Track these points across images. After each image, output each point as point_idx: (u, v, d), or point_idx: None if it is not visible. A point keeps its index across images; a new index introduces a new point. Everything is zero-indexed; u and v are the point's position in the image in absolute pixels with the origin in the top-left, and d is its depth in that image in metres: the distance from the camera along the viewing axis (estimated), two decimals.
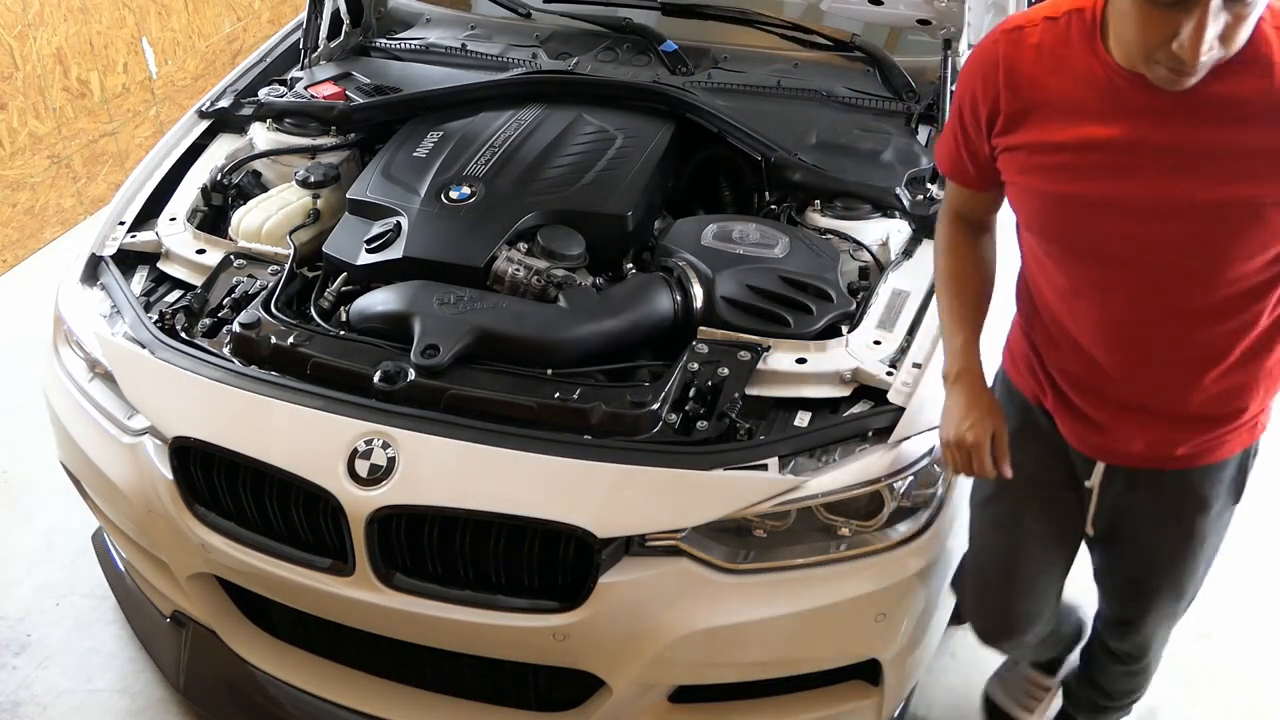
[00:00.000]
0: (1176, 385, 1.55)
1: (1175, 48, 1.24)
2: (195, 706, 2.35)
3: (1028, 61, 1.45)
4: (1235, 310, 1.45)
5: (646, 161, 2.32)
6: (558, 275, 2.09)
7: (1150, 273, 1.45)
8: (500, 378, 1.91)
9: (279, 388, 1.93)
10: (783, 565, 1.81)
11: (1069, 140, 1.42)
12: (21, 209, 3.95)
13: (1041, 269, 1.60)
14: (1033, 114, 1.45)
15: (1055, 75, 1.43)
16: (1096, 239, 1.46)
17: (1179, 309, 1.47)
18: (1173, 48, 1.24)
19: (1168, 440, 1.61)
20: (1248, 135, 1.33)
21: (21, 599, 2.68)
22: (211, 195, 2.43)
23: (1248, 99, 1.32)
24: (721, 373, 1.91)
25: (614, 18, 2.80)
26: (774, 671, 1.91)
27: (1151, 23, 1.25)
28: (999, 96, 1.48)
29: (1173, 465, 1.64)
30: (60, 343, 2.24)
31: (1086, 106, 1.40)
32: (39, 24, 3.83)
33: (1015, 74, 1.45)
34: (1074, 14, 1.42)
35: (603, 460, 1.79)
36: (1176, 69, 1.27)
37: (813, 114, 2.49)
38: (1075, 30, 1.41)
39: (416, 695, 2.07)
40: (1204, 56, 1.24)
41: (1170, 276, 1.44)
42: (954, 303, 1.73)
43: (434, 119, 2.48)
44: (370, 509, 1.80)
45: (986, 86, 1.49)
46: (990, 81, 1.48)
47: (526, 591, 1.84)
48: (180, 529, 1.99)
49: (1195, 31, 1.22)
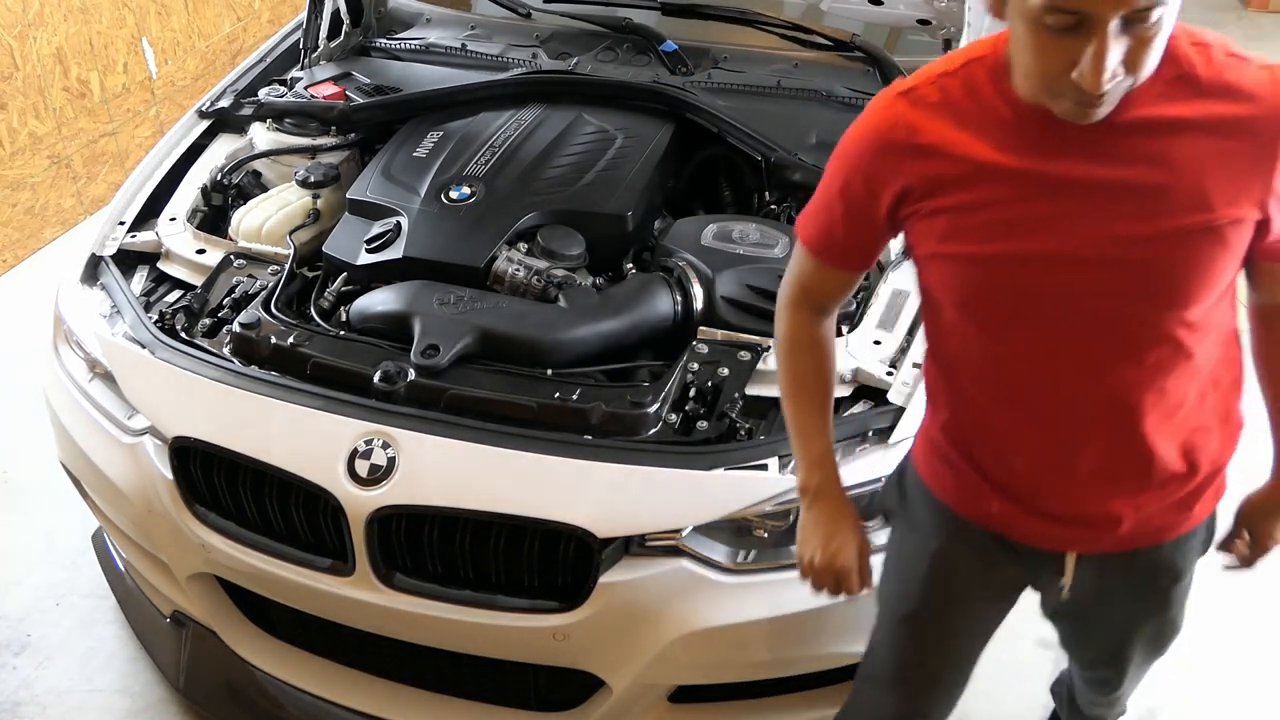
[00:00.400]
0: (1145, 445, 1.37)
1: (1075, 77, 1.14)
2: (195, 706, 2.35)
3: (932, 121, 1.30)
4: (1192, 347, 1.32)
5: (646, 161, 2.32)
6: (558, 275, 2.09)
7: (1104, 324, 1.30)
8: (500, 378, 1.91)
9: (279, 388, 1.93)
10: (783, 565, 1.80)
11: (995, 195, 1.28)
12: (21, 209, 3.95)
13: (968, 355, 1.41)
14: (947, 175, 1.30)
15: (966, 130, 1.29)
16: (1042, 299, 1.30)
17: (1139, 359, 1.31)
18: (1073, 77, 1.14)
19: (1149, 510, 1.44)
20: (1190, 157, 1.23)
21: (21, 599, 2.68)
22: (211, 195, 2.44)
23: (1183, 119, 1.23)
24: (721, 373, 1.91)
25: (614, 18, 2.80)
26: (774, 671, 1.91)
27: (1049, 51, 1.15)
28: (904, 166, 1.32)
29: (1149, 541, 1.48)
30: (60, 343, 2.24)
31: (1009, 156, 1.27)
32: (39, 24, 3.83)
33: (919, 136, 1.30)
34: (973, 63, 1.30)
35: (603, 460, 1.79)
36: (1081, 100, 1.17)
37: (813, 114, 2.49)
38: (980, 79, 1.29)
39: (416, 695, 2.07)
40: (1108, 84, 1.14)
41: (1125, 324, 1.30)
42: (805, 408, 1.54)
43: (434, 119, 2.48)
44: (370, 509, 1.80)
45: (886, 157, 1.33)
46: (891, 151, 1.33)
47: (526, 591, 1.84)
48: (180, 529, 1.99)
49: (1095, 58, 1.12)
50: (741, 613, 1.79)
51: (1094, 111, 1.19)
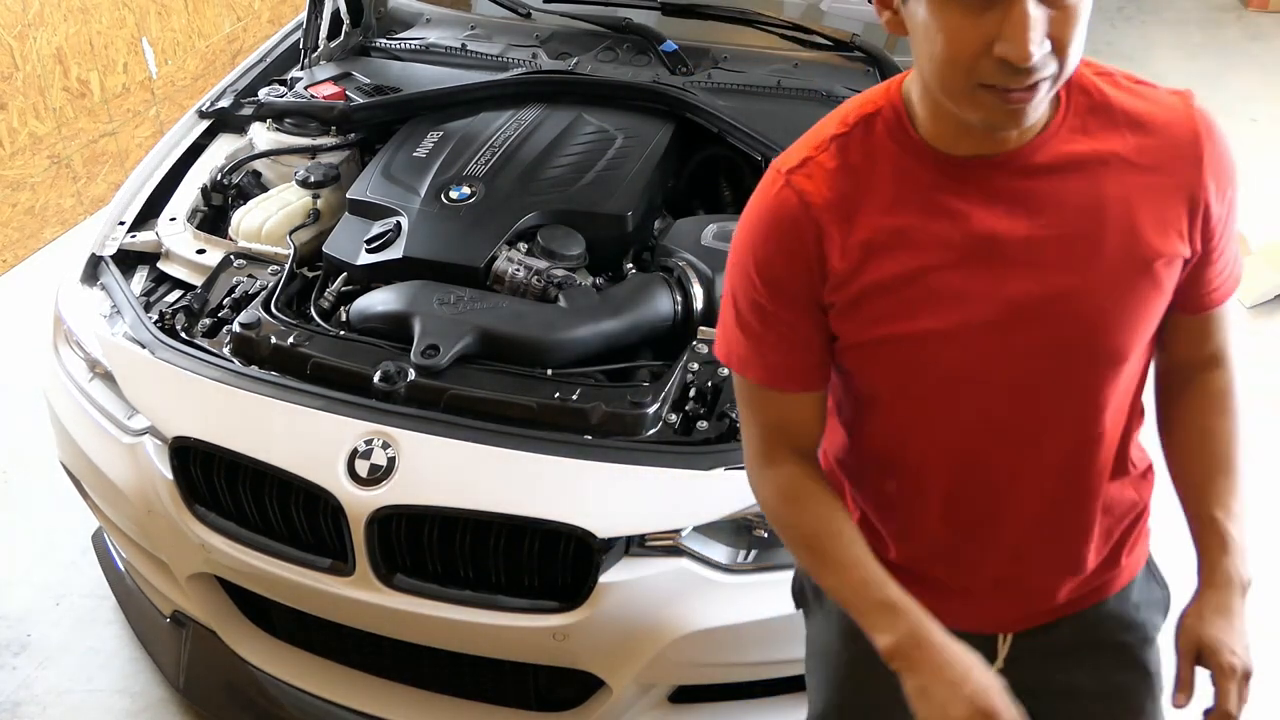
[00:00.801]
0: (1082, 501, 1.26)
1: (999, 50, 1.00)
2: (195, 706, 2.35)
3: (833, 191, 1.15)
4: (1124, 396, 1.23)
5: (646, 161, 2.32)
6: (558, 275, 2.09)
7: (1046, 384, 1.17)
8: (500, 378, 1.91)
9: (279, 388, 1.93)
10: (783, 565, 1.81)
11: (921, 262, 1.13)
12: (21, 209, 3.95)
13: (889, 439, 1.26)
14: (860, 250, 1.14)
15: (873, 193, 1.14)
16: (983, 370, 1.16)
17: (1079, 414, 1.20)
18: (996, 51, 1.00)
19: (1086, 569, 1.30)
20: (1117, 194, 1.12)
21: (21, 599, 2.68)
22: (211, 195, 2.44)
23: (1105, 153, 1.13)
24: (722, 373, 1.91)
25: (614, 18, 2.79)
26: (774, 671, 1.91)
27: (964, 30, 1.01)
28: (816, 249, 1.15)
29: (1092, 600, 1.34)
30: (60, 343, 2.24)
31: (925, 216, 1.13)
32: (39, 24, 3.83)
33: (825, 212, 1.15)
34: (866, 119, 1.17)
35: (603, 460, 1.79)
36: (1008, 80, 1.01)
37: (813, 114, 2.44)
38: (878, 134, 1.16)
39: (416, 695, 2.07)
40: (1036, 54, 1.00)
41: (1066, 382, 1.18)
42: (840, 560, 1.24)
43: (434, 119, 2.48)
44: (370, 509, 1.80)
45: (794, 243, 1.16)
46: (797, 235, 1.15)
47: (526, 591, 1.84)
48: (180, 529, 1.99)
49: (1019, 19, 0.98)
50: (741, 613, 1.79)
51: (1022, 110, 1.05)
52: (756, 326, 1.21)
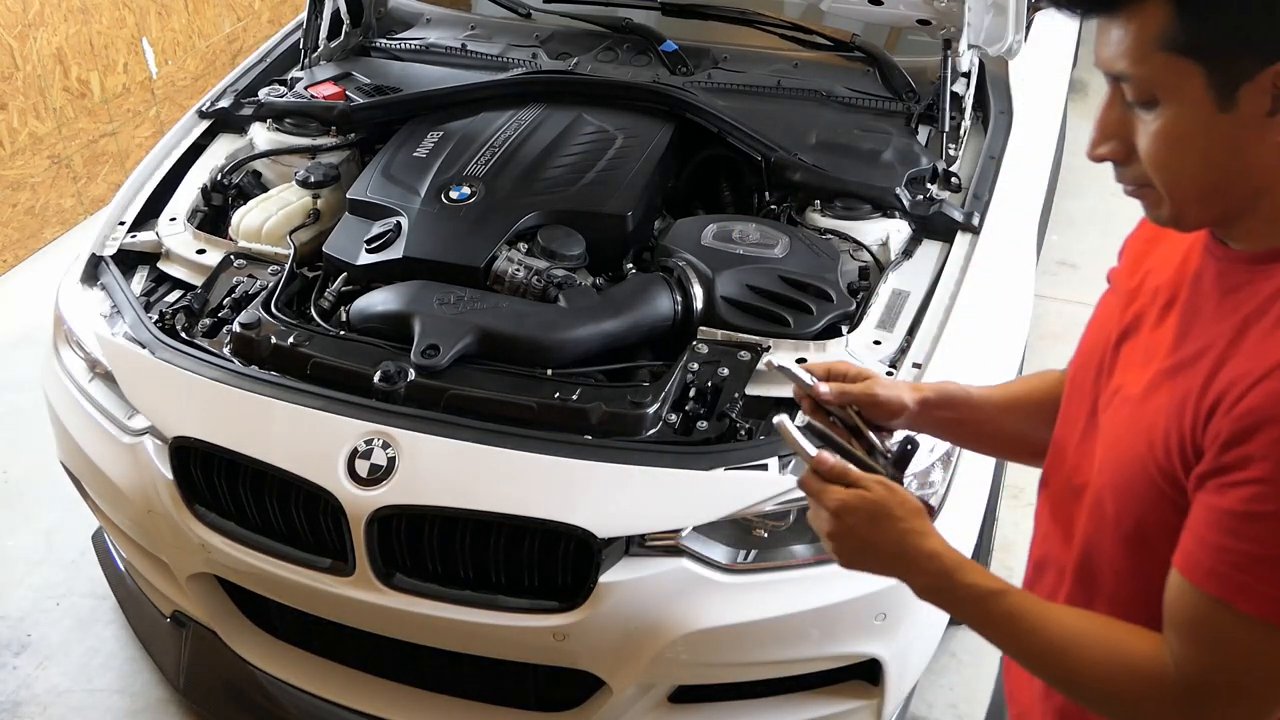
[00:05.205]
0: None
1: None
2: (195, 706, 2.35)
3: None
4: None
5: (646, 161, 2.32)
6: (558, 275, 2.09)
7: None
8: (500, 378, 1.91)
9: (279, 388, 1.93)
10: (783, 565, 1.81)
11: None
12: (21, 209, 3.95)
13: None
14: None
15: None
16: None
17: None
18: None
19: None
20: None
21: (21, 599, 2.68)
22: (211, 195, 2.44)
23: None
24: (721, 373, 1.91)
25: (614, 18, 2.80)
26: (774, 671, 1.91)
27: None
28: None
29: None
30: (60, 343, 2.24)
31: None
32: (39, 24, 3.83)
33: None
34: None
35: (603, 460, 1.79)
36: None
37: (813, 114, 2.49)
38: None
39: (416, 695, 2.07)
40: (1092, 151, 0.98)
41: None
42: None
43: (434, 119, 2.48)
44: (370, 509, 1.79)
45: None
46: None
47: (526, 591, 1.84)
48: (180, 529, 1.99)
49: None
50: (741, 613, 1.79)
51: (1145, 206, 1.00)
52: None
